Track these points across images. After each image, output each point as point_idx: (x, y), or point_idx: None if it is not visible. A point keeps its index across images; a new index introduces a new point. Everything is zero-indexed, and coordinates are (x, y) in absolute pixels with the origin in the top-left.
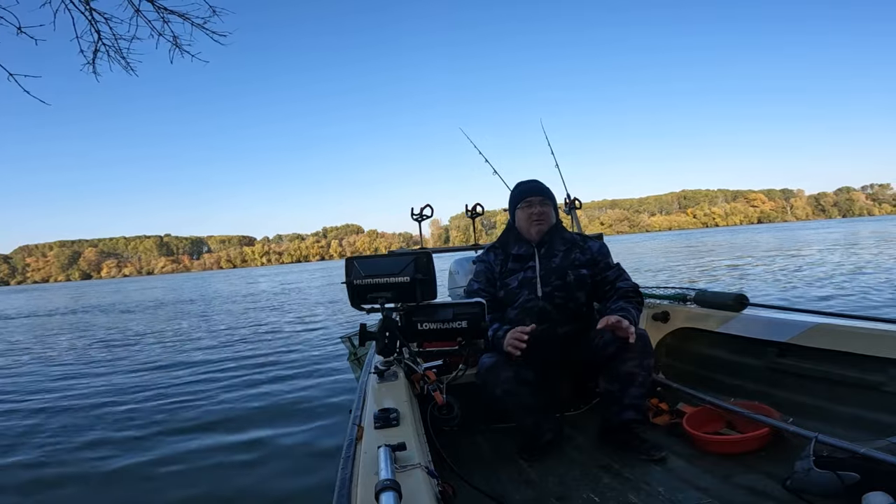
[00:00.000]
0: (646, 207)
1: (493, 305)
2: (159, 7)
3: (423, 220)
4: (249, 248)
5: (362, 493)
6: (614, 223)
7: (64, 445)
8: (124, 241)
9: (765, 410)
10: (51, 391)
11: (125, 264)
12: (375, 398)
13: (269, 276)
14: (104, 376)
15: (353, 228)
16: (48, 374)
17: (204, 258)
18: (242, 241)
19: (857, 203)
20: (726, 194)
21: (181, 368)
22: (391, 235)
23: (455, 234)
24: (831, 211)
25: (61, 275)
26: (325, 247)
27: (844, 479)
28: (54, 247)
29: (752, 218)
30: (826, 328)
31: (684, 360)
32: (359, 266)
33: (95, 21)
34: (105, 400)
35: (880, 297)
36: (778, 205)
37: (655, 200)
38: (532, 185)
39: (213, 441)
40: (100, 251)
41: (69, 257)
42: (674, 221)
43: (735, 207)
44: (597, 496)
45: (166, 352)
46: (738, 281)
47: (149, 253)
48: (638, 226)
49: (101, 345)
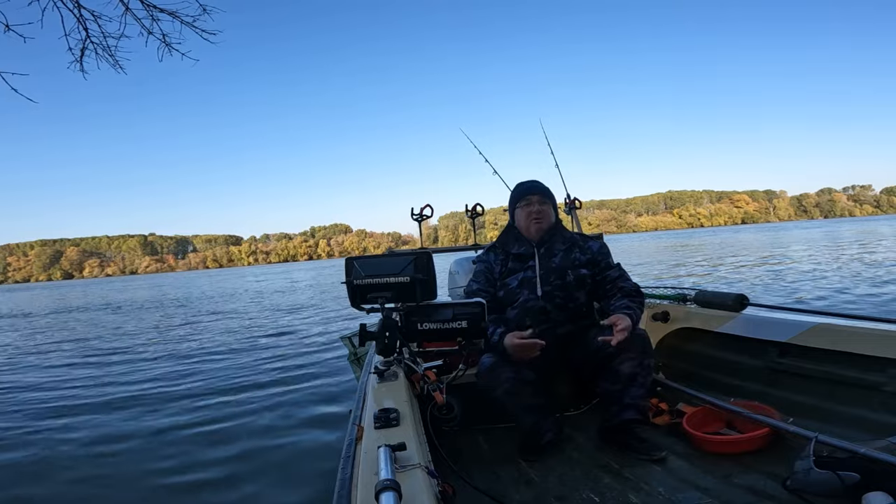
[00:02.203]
0: (633, 208)
1: (493, 305)
2: (148, 5)
3: (422, 220)
4: (236, 247)
5: (362, 493)
6: (602, 223)
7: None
8: (107, 241)
9: (765, 410)
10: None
11: (108, 264)
12: (375, 398)
13: (270, 276)
14: (96, 377)
15: (341, 228)
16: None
17: (189, 258)
18: (229, 240)
19: (839, 204)
20: (711, 195)
21: (181, 368)
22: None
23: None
24: (813, 212)
25: (42, 274)
26: (314, 246)
27: (844, 479)
28: (35, 246)
29: (736, 218)
30: (826, 328)
31: (684, 360)
32: (359, 266)
33: (84, 19)
34: (103, 400)
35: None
36: (761, 205)
37: (642, 201)
38: (531, 184)
39: (212, 441)
40: (82, 250)
41: (51, 257)
42: (660, 222)
43: (720, 208)
44: (597, 496)
45: (164, 352)
46: (736, 280)
47: (132, 252)
48: (625, 226)
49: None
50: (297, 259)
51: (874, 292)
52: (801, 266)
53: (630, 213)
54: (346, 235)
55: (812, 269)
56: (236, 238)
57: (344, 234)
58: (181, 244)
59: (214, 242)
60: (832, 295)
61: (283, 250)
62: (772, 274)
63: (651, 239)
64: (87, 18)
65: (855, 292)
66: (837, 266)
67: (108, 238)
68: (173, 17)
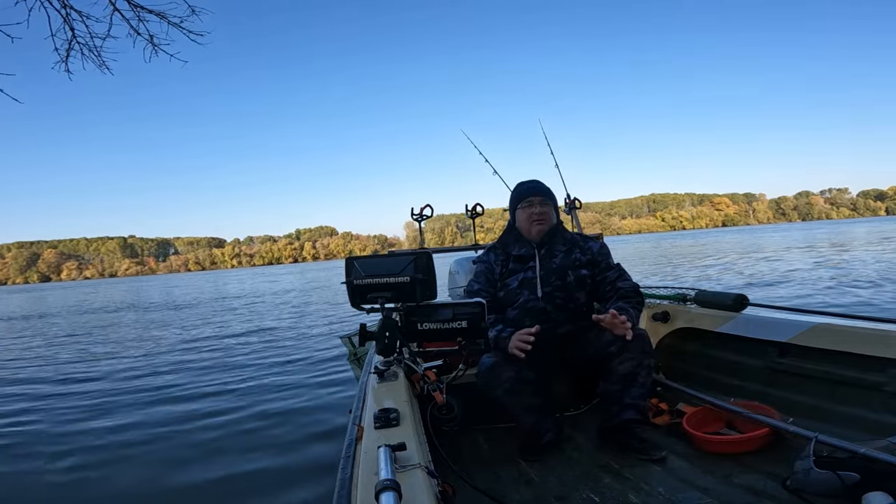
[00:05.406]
0: (617, 210)
1: (494, 306)
2: (135, 5)
3: (422, 220)
4: (219, 249)
5: (362, 493)
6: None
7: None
8: (86, 243)
9: (765, 410)
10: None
11: (86, 266)
12: (375, 398)
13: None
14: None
15: (326, 230)
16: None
17: (171, 260)
18: (212, 242)
19: (816, 207)
20: (693, 198)
21: (180, 368)
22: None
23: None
24: (791, 214)
25: (19, 277)
26: (299, 249)
27: (844, 479)
28: (12, 248)
29: (717, 221)
30: (826, 328)
31: (684, 360)
32: (359, 266)
33: (70, 19)
34: (98, 399)
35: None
36: (741, 208)
37: (626, 204)
38: (533, 185)
39: (212, 441)
40: (60, 253)
41: (27, 259)
42: (643, 225)
43: (701, 211)
44: (597, 496)
45: (163, 353)
46: (729, 280)
47: (112, 254)
48: (609, 229)
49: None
50: (281, 262)
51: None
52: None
53: (614, 215)
54: (332, 238)
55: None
56: (219, 240)
57: (329, 236)
58: (162, 246)
59: (197, 245)
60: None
61: (268, 253)
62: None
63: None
64: (73, 19)
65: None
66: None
67: (86, 240)
68: (161, 17)
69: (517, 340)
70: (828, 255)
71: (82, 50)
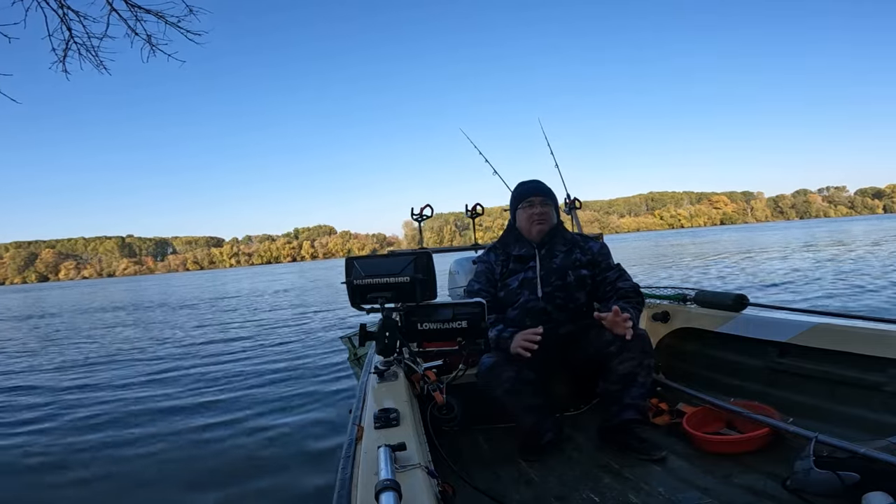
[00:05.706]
0: (615, 209)
1: (494, 306)
2: (133, 5)
3: (422, 221)
4: (217, 249)
5: (362, 493)
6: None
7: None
8: (84, 242)
9: (765, 410)
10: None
11: (84, 266)
12: (375, 398)
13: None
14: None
15: (325, 229)
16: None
17: (169, 259)
18: (210, 241)
19: (814, 205)
20: (691, 196)
21: (179, 368)
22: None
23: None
24: (789, 213)
25: (17, 277)
26: (297, 248)
27: (844, 479)
28: (10, 248)
29: (715, 219)
30: (826, 328)
31: (684, 360)
32: (359, 266)
33: (68, 19)
34: (96, 399)
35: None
36: (739, 207)
37: (624, 202)
38: (533, 185)
39: (211, 441)
40: (58, 252)
41: (25, 259)
42: (642, 223)
43: (699, 209)
44: (597, 496)
45: (162, 353)
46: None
47: (110, 254)
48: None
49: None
50: (280, 261)
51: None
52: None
53: (613, 214)
54: (331, 237)
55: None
56: (218, 240)
57: (328, 235)
58: (161, 246)
59: (195, 244)
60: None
61: (266, 252)
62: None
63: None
64: (71, 19)
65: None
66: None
67: (84, 240)
68: (158, 17)
69: (522, 340)
70: (828, 255)
71: (80, 50)
